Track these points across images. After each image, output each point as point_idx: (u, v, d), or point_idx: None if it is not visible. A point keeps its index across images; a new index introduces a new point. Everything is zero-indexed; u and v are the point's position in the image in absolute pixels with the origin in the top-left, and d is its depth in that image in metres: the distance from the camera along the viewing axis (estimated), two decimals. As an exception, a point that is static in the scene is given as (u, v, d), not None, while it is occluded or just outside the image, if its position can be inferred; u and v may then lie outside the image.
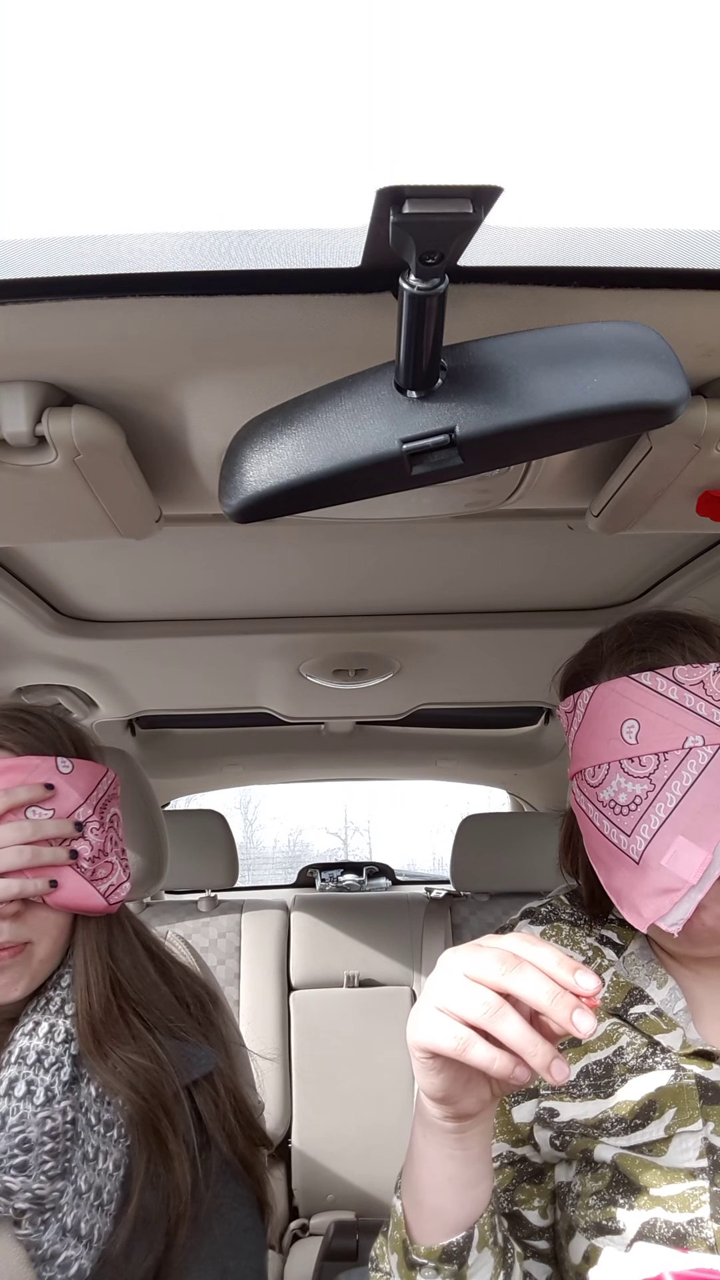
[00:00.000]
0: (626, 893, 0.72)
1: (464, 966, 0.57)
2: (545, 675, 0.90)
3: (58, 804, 0.85)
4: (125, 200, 0.45)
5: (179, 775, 2.49)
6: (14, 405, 0.62)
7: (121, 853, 0.91)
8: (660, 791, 0.71)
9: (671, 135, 0.44)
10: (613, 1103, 0.75)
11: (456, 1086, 0.61)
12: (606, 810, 0.74)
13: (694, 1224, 0.70)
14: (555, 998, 0.53)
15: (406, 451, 0.48)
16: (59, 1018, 0.82)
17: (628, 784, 0.73)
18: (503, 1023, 0.54)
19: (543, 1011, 0.54)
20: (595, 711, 0.77)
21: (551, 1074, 0.53)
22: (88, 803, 0.87)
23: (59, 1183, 0.74)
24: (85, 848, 0.85)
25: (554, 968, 0.55)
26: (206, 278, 0.52)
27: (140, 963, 0.90)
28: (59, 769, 0.86)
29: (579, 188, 0.45)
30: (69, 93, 0.44)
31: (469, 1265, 0.68)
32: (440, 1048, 0.56)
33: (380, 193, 0.39)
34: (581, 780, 0.78)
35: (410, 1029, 0.60)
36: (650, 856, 0.70)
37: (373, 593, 1.36)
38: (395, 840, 13.13)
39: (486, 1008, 0.55)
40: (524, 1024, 0.54)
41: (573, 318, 0.56)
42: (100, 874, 0.86)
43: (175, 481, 0.79)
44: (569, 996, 0.54)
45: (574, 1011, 0.53)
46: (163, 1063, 0.82)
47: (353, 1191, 2.19)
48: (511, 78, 0.43)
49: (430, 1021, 0.57)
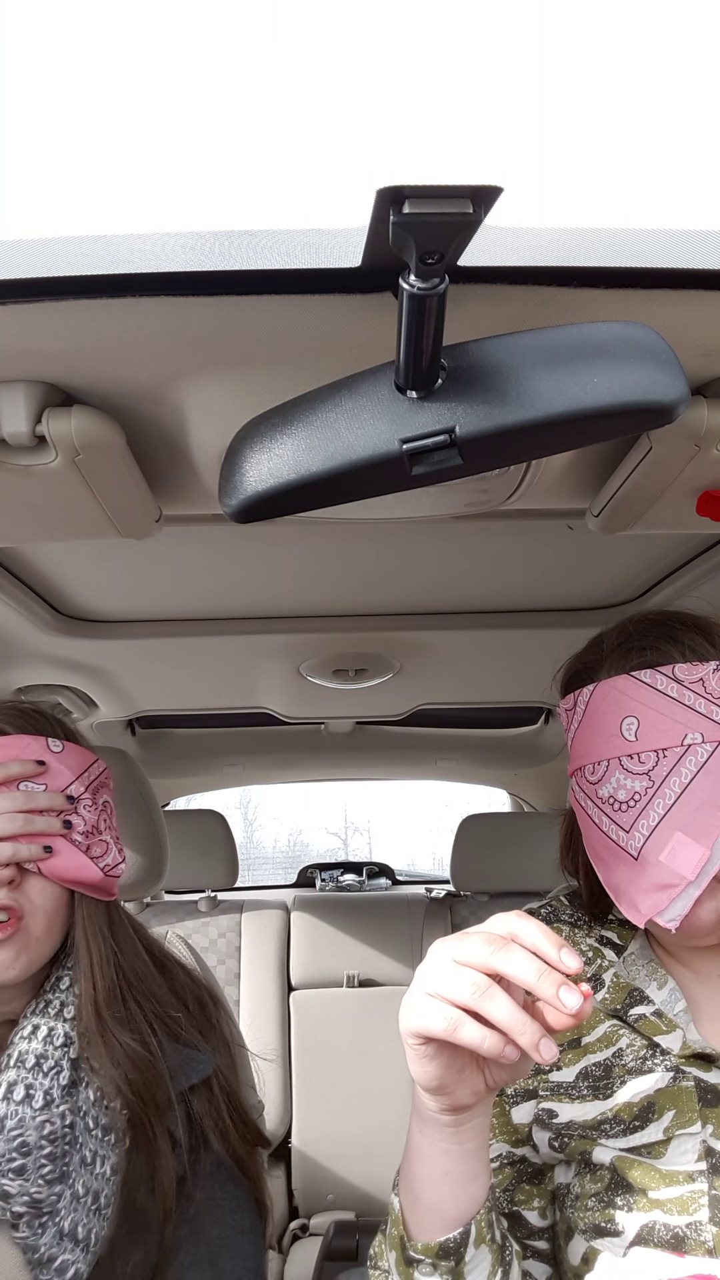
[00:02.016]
0: (625, 889, 0.73)
1: (452, 952, 0.59)
2: (545, 675, 0.90)
3: (50, 779, 0.86)
4: (125, 200, 0.45)
5: (179, 775, 2.49)
6: (14, 405, 0.62)
7: (116, 838, 0.92)
8: (659, 788, 0.71)
9: (671, 135, 0.44)
10: (611, 1104, 0.75)
11: (450, 1075, 0.61)
12: (606, 807, 0.75)
13: (692, 1227, 0.70)
14: (542, 974, 0.55)
15: (406, 451, 0.48)
16: (58, 1021, 0.82)
17: (627, 781, 0.73)
18: (491, 1002, 0.55)
19: (530, 988, 0.55)
20: (595, 709, 0.77)
21: (540, 1053, 0.54)
22: (79, 780, 0.89)
23: (56, 1186, 0.74)
24: (79, 822, 0.86)
25: (540, 943, 0.57)
26: (207, 278, 0.52)
27: (140, 955, 0.91)
28: (50, 748, 0.88)
29: (579, 188, 0.45)
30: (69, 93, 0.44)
31: (466, 1262, 0.68)
32: (431, 1030, 0.57)
33: (380, 193, 0.39)
34: (581, 777, 0.79)
35: (402, 1016, 0.61)
36: (649, 853, 0.70)
37: (373, 593, 1.36)
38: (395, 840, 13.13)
39: (475, 988, 0.56)
40: (512, 1004, 0.55)
41: (573, 318, 0.56)
42: (96, 851, 0.87)
43: (175, 481, 0.79)
44: (555, 974, 0.55)
45: (560, 988, 0.54)
46: (156, 1056, 0.82)
47: (353, 1191, 2.19)
48: (511, 78, 0.43)
49: (421, 1006, 0.59)
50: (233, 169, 0.44)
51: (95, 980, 0.83)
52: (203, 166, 0.44)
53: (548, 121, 0.43)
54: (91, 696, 1.73)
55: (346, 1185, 2.20)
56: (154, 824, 1.37)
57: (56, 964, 0.86)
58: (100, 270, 0.50)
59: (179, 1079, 0.83)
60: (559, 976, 0.55)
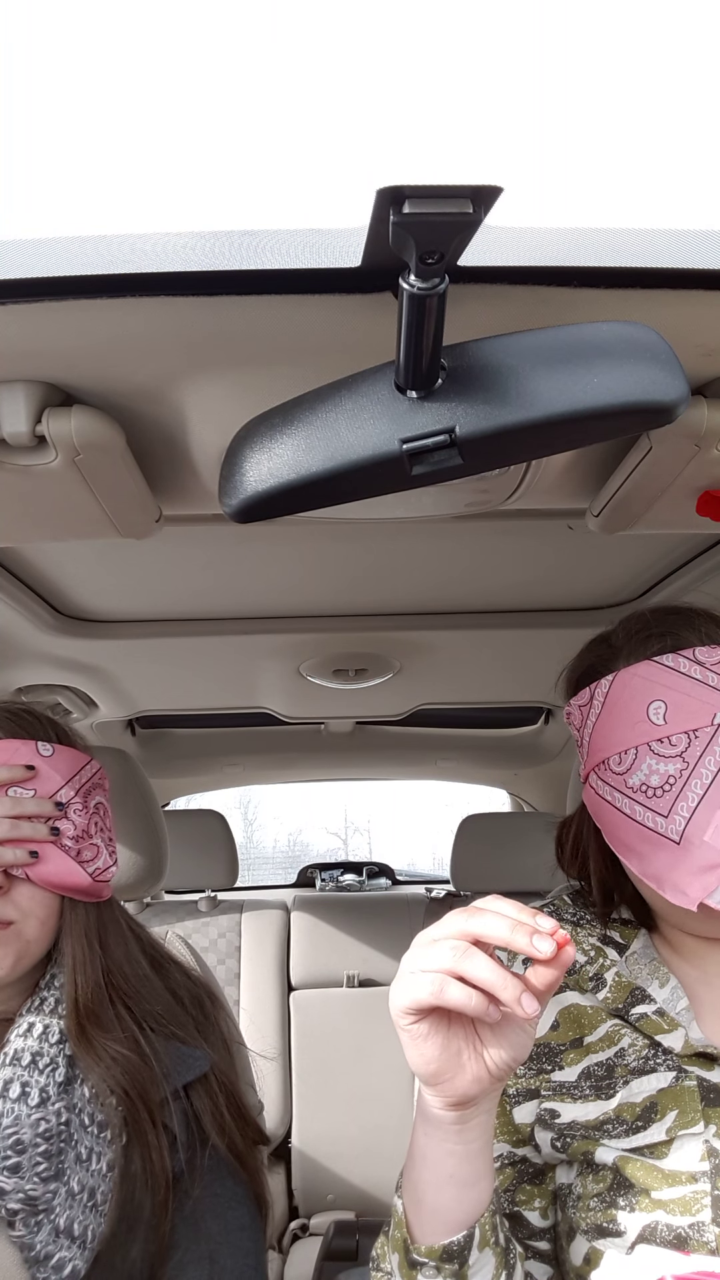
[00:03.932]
0: (668, 875, 0.71)
1: (429, 934, 0.62)
2: (545, 675, 0.90)
3: (39, 784, 0.86)
4: (125, 200, 0.45)
5: (179, 775, 2.49)
6: (14, 405, 0.62)
7: (108, 840, 0.92)
8: (695, 768, 0.71)
9: (671, 135, 0.44)
10: (614, 1104, 0.75)
11: (447, 1059, 0.62)
12: (638, 795, 0.74)
13: (695, 1228, 0.70)
14: (514, 929, 0.58)
15: (406, 451, 0.48)
16: (53, 1018, 0.82)
17: (659, 765, 0.73)
18: (470, 962, 0.58)
19: (504, 944, 0.58)
20: (617, 699, 0.77)
21: (522, 1006, 0.56)
22: (69, 785, 0.88)
23: (52, 1184, 0.74)
24: (68, 827, 0.86)
25: (505, 907, 0.60)
26: (207, 278, 0.52)
27: (133, 955, 0.91)
28: (39, 752, 0.87)
29: (579, 188, 0.45)
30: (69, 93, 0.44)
31: (470, 1265, 0.68)
32: (418, 998, 0.59)
33: (380, 193, 0.39)
34: (605, 770, 0.77)
35: (391, 999, 0.63)
36: (692, 834, 0.70)
37: (373, 593, 1.36)
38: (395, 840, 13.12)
39: (454, 951, 0.59)
40: (491, 962, 0.58)
41: (573, 318, 0.56)
42: (86, 855, 0.87)
43: (175, 481, 0.79)
44: (526, 926, 0.58)
45: (533, 936, 0.57)
46: (148, 1058, 0.82)
47: (353, 1191, 2.19)
48: (511, 78, 0.43)
49: (406, 981, 0.61)
50: (233, 169, 0.44)
51: (78, 983, 0.83)
52: (203, 166, 0.44)
53: (548, 122, 0.43)
54: (91, 696, 1.73)
55: (346, 1185, 2.20)
56: (154, 824, 1.37)
57: (52, 961, 0.86)
58: (100, 270, 0.50)
59: (174, 1077, 0.83)
60: (530, 928, 0.58)
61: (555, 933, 0.58)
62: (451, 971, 0.58)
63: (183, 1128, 0.82)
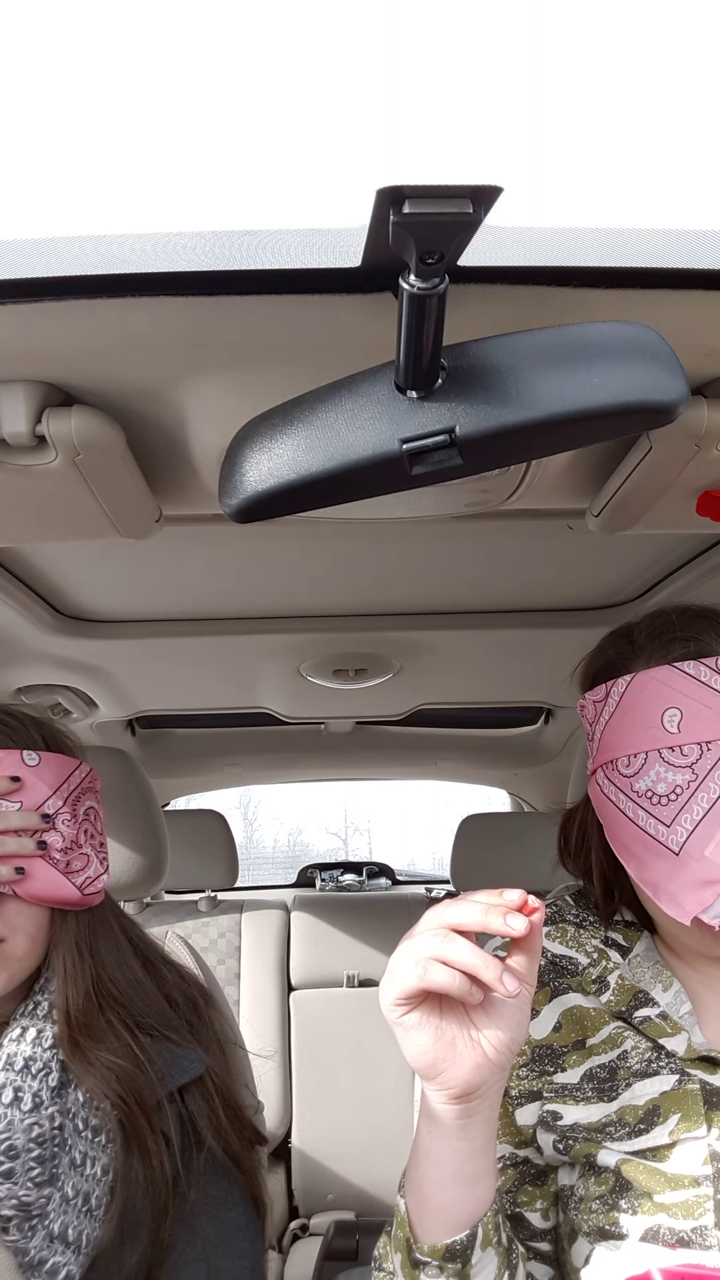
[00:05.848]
0: (665, 885, 0.71)
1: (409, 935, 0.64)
2: (545, 675, 0.90)
3: (24, 797, 0.84)
4: (124, 200, 0.45)
5: (179, 775, 2.49)
6: (14, 405, 0.62)
7: (99, 846, 0.90)
8: (703, 781, 0.70)
9: (671, 135, 0.44)
10: (616, 1107, 0.75)
11: (442, 1046, 0.62)
12: (643, 800, 0.73)
13: (698, 1231, 0.70)
14: (487, 911, 0.61)
15: (406, 451, 0.48)
16: (46, 1023, 0.81)
17: (668, 773, 0.72)
18: (450, 946, 0.60)
19: (480, 928, 0.61)
20: (633, 700, 0.76)
21: (504, 985, 0.59)
22: (57, 794, 0.86)
23: (46, 1189, 0.73)
24: (56, 839, 0.84)
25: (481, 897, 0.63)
26: (206, 278, 0.52)
27: (125, 960, 0.90)
28: (25, 762, 0.85)
29: (579, 188, 0.45)
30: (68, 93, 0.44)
31: (472, 1264, 0.68)
32: (405, 984, 0.61)
33: (380, 193, 0.39)
34: (613, 770, 0.76)
35: (380, 996, 0.64)
36: (692, 848, 0.69)
37: (373, 593, 1.36)
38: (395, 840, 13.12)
39: (435, 938, 0.61)
40: (471, 945, 0.60)
41: (573, 318, 0.56)
42: (75, 866, 0.85)
43: (175, 481, 0.79)
44: (500, 907, 0.61)
45: (507, 915, 0.60)
46: (142, 1064, 0.81)
47: (353, 1191, 2.19)
48: (511, 78, 0.43)
49: (391, 974, 0.63)
50: (232, 169, 0.44)
51: (69, 995, 0.82)
52: (202, 166, 0.44)
53: (547, 121, 0.43)
54: (91, 696, 1.73)
55: (346, 1185, 2.20)
56: (154, 824, 1.37)
57: (46, 965, 0.86)
58: (100, 270, 0.50)
59: (168, 1079, 0.83)
60: (504, 907, 0.61)
61: (524, 905, 0.61)
62: (434, 956, 0.61)
63: (178, 1130, 0.82)
